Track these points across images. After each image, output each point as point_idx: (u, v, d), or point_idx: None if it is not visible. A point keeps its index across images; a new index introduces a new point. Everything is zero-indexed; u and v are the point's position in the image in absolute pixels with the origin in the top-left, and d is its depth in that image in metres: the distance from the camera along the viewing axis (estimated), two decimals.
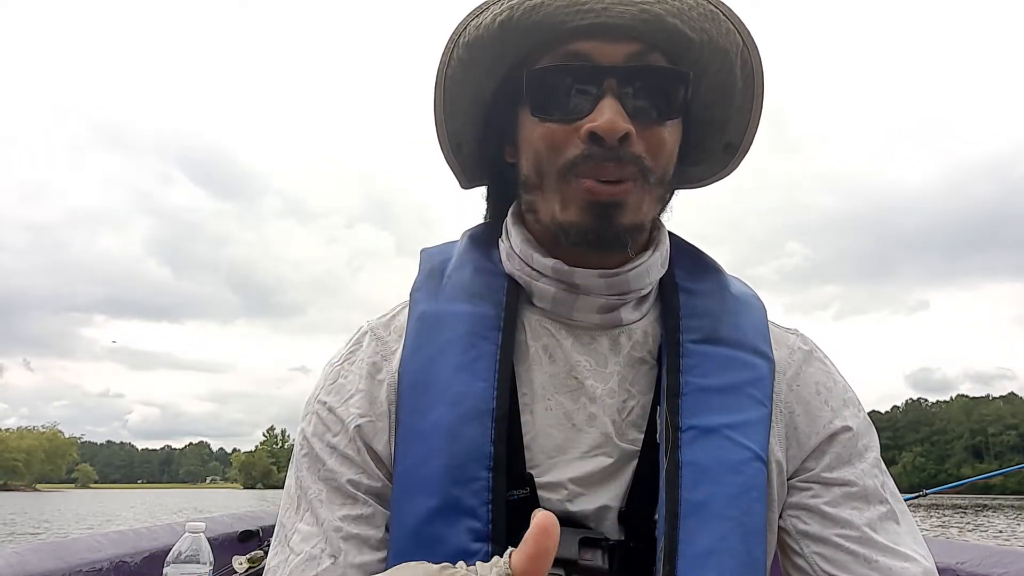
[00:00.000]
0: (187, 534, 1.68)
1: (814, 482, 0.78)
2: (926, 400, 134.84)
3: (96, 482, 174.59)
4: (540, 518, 0.39)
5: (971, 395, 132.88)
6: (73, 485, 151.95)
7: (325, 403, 0.79)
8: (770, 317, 0.87)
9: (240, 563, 2.08)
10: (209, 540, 1.71)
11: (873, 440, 0.81)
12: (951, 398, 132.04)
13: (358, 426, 0.76)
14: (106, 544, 1.77)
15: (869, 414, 0.83)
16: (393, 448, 0.75)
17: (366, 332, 0.84)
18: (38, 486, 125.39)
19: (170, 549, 1.67)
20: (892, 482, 0.80)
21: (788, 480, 0.79)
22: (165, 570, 1.63)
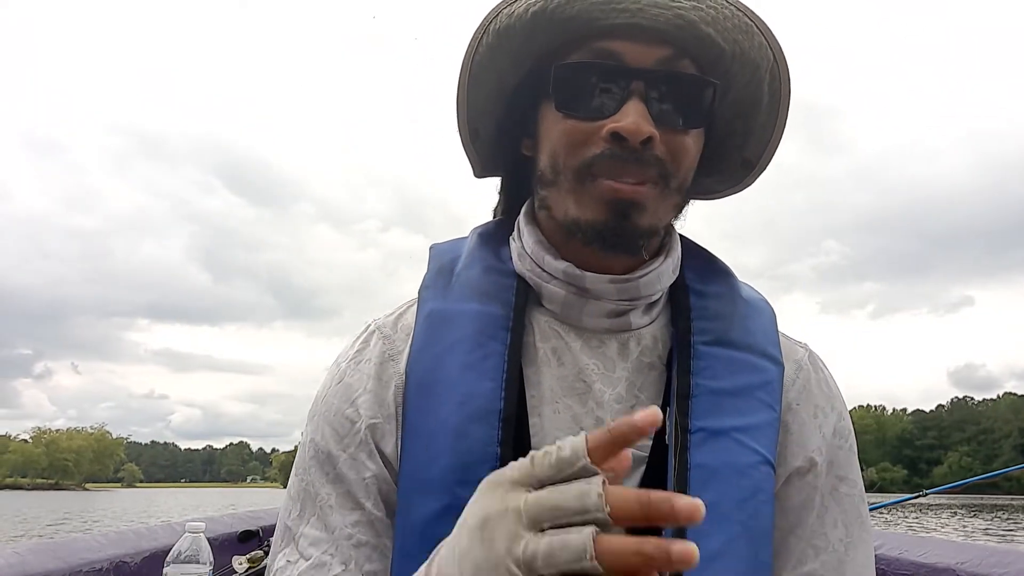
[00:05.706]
0: (187, 534, 1.65)
1: (783, 503, 0.77)
2: (972, 398, 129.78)
3: (141, 481, 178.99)
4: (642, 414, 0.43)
5: (1018, 393, 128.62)
6: (120, 484, 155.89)
7: (333, 404, 0.78)
8: (804, 316, 0.84)
9: (240, 563, 2.07)
10: (209, 540, 1.67)
11: (850, 471, 0.80)
12: (998, 396, 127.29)
13: (368, 427, 0.75)
14: (106, 544, 1.77)
15: (913, 413, 0.79)
16: (400, 448, 0.74)
17: (373, 331, 0.82)
18: (87, 485, 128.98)
19: (170, 549, 1.63)
20: (865, 507, 0.80)
21: None
22: (165, 570, 1.63)
